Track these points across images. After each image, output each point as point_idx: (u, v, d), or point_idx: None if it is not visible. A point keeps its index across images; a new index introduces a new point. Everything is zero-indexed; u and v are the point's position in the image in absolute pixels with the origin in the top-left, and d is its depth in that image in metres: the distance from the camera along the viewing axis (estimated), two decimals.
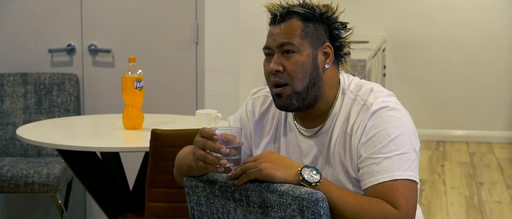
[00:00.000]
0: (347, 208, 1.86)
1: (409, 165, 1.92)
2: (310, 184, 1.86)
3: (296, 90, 2.00)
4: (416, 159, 1.96)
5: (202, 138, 1.90)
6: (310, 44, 2.01)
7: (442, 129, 7.10)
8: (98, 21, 4.33)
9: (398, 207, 1.87)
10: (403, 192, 1.89)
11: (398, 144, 1.94)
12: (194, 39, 4.21)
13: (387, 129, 1.95)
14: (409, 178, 1.91)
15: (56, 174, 3.94)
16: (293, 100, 2.01)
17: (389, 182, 1.90)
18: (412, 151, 1.95)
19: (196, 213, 2.02)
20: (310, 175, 1.88)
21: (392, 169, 1.91)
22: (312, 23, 2.02)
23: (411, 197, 1.90)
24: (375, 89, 2.03)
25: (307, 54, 2.00)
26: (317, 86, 2.02)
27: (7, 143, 4.28)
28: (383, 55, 6.73)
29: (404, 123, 1.98)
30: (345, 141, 2.01)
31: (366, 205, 1.87)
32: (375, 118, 1.97)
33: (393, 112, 1.99)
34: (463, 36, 6.94)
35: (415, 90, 7.06)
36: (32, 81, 4.32)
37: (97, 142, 3.35)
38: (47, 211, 4.46)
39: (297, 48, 1.99)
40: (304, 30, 2.00)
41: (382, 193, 1.90)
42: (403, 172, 1.91)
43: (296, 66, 1.99)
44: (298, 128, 2.10)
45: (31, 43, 4.38)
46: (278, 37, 2.01)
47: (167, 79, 4.27)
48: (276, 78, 2.01)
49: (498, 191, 5.41)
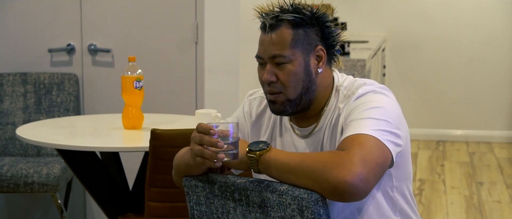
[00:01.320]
0: (293, 161, 1.83)
1: (382, 130, 1.86)
2: (255, 152, 1.88)
3: (289, 98, 2.01)
4: (397, 137, 1.89)
5: (199, 133, 1.90)
6: (302, 52, 2.00)
7: (442, 129, 7.10)
8: (97, 21, 4.32)
9: (348, 149, 1.80)
10: (361, 142, 1.82)
11: (377, 112, 1.90)
12: (193, 39, 4.21)
13: (369, 102, 1.94)
14: (377, 137, 1.84)
15: (55, 174, 3.94)
16: (287, 107, 2.02)
17: (352, 136, 1.85)
18: (392, 126, 1.89)
19: (195, 213, 2.02)
20: (257, 146, 1.90)
21: (359, 126, 1.87)
22: (302, 29, 2.00)
23: (369, 147, 1.81)
24: (367, 83, 2.02)
25: (299, 62, 2.00)
26: (311, 90, 2.02)
27: (7, 143, 4.28)
28: (383, 55, 6.73)
29: (389, 103, 1.96)
30: (334, 133, 2.01)
31: (313, 154, 1.85)
32: (359, 98, 1.97)
33: (380, 95, 1.98)
34: (463, 36, 6.94)
35: (415, 90, 7.06)
36: (32, 81, 4.32)
37: (97, 141, 3.35)
38: (46, 211, 4.46)
39: (289, 59, 1.99)
40: (294, 38, 1.99)
41: (340, 145, 1.85)
42: (371, 130, 1.85)
43: (289, 76, 2.00)
44: (293, 128, 2.10)
45: (30, 43, 4.38)
46: (269, 48, 2.00)
47: (167, 79, 4.27)
48: (270, 88, 2.02)
49: (498, 190, 5.41)
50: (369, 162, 1.78)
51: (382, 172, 1.85)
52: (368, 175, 1.77)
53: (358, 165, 1.76)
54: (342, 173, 1.75)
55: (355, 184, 1.74)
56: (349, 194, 1.75)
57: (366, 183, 1.76)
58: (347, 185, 1.74)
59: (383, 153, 1.84)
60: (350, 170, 1.75)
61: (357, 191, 1.75)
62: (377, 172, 1.81)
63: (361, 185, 1.75)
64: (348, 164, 1.75)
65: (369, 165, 1.77)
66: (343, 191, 1.75)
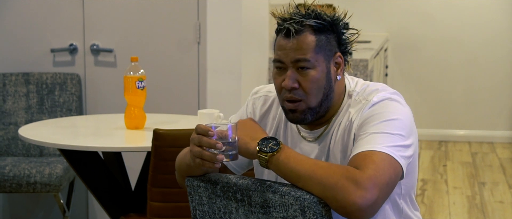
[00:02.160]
0: (304, 168, 1.81)
1: (396, 146, 1.85)
2: (267, 153, 1.86)
3: (310, 106, 1.97)
4: (408, 149, 1.89)
5: (198, 135, 1.89)
6: (324, 58, 1.96)
7: (444, 129, 7.10)
8: (100, 21, 4.33)
9: (362, 169, 1.77)
10: (375, 161, 1.79)
11: (391, 126, 1.88)
12: (196, 39, 4.21)
13: (383, 113, 1.91)
14: (391, 154, 1.82)
15: (58, 174, 3.94)
16: (308, 115, 1.98)
17: (366, 152, 1.83)
18: (405, 139, 1.88)
19: (198, 213, 2.02)
20: (267, 146, 1.87)
21: (374, 142, 1.84)
22: (324, 35, 1.96)
23: (383, 168, 1.78)
24: (380, 88, 2.00)
25: (322, 69, 1.96)
26: (329, 98, 1.99)
27: (9, 143, 4.29)
28: (385, 55, 6.73)
29: (403, 113, 1.94)
30: (344, 138, 1.98)
31: (325, 165, 1.81)
32: (374, 106, 1.94)
33: (394, 103, 1.95)
34: (465, 36, 6.93)
35: (417, 90, 7.06)
36: (34, 81, 4.32)
37: (99, 141, 3.35)
38: (49, 211, 4.46)
39: (313, 65, 1.95)
40: (318, 44, 1.95)
41: (354, 160, 1.83)
42: (385, 147, 1.83)
43: (312, 83, 1.95)
44: (299, 131, 2.08)
45: (33, 43, 4.38)
46: (291, 53, 1.95)
47: (169, 79, 4.27)
48: (290, 95, 1.97)
49: (500, 191, 5.41)
50: (381, 185, 1.77)
51: (391, 191, 1.84)
52: (378, 199, 1.76)
53: (370, 190, 1.74)
54: (353, 196, 1.74)
55: (364, 208, 1.74)
56: (355, 216, 1.75)
57: (375, 206, 1.76)
58: (356, 208, 1.74)
59: (395, 171, 1.83)
60: (361, 194, 1.74)
61: (365, 214, 1.75)
62: (387, 193, 1.81)
63: (369, 210, 1.75)
64: (360, 187, 1.74)
65: (381, 189, 1.76)
66: (350, 212, 1.75)
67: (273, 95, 2.13)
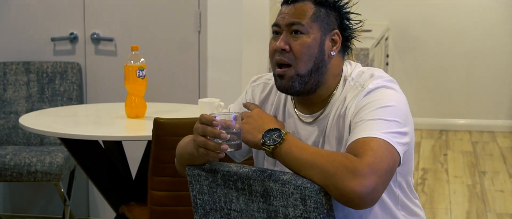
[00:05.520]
0: (305, 157, 1.82)
1: (392, 132, 1.86)
2: (270, 146, 1.88)
3: (299, 73, 1.98)
4: (405, 136, 1.89)
5: (202, 124, 1.90)
6: (320, 29, 1.99)
7: (444, 118, 7.10)
8: (100, 9, 4.32)
9: (360, 156, 1.78)
10: (373, 147, 1.80)
11: (387, 112, 1.89)
12: (196, 27, 4.21)
13: (379, 101, 1.92)
14: (388, 140, 1.83)
15: (58, 163, 3.95)
16: (295, 82, 1.99)
17: (363, 138, 1.83)
18: (402, 126, 1.89)
19: (198, 202, 2.02)
20: (271, 138, 1.90)
21: (371, 128, 1.85)
22: (325, 9, 2.01)
23: (381, 155, 1.79)
24: (375, 74, 2.01)
25: (315, 37, 1.99)
26: (320, 71, 2.00)
27: (10, 132, 4.29)
28: (386, 44, 6.72)
29: (399, 100, 1.94)
30: (339, 123, 1.99)
31: (325, 153, 1.82)
32: (369, 94, 1.95)
33: (390, 90, 1.96)
34: (466, 25, 6.92)
35: (418, 79, 7.05)
36: (35, 69, 4.32)
37: (100, 130, 3.35)
38: (50, 200, 4.47)
39: (306, 30, 1.98)
40: (316, 13, 1.99)
41: (352, 147, 1.84)
42: (382, 134, 1.84)
43: (303, 47, 1.98)
44: (297, 114, 2.09)
45: (33, 31, 4.38)
46: (288, 16, 1.99)
47: (170, 68, 4.27)
48: (280, 57, 1.99)
49: (501, 180, 5.41)
50: (380, 171, 1.77)
51: (391, 178, 1.85)
52: (377, 186, 1.76)
53: (369, 177, 1.75)
54: (352, 183, 1.74)
55: (364, 196, 1.74)
56: (355, 204, 1.76)
57: (374, 194, 1.76)
58: (356, 195, 1.74)
59: (393, 158, 1.83)
60: (361, 182, 1.74)
61: (365, 202, 1.76)
62: (386, 180, 1.81)
63: (369, 197, 1.75)
64: (360, 175, 1.74)
65: (380, 176, 1.77)
66: (350, 200, 1.75)
67: (272, 83, 2.14)
